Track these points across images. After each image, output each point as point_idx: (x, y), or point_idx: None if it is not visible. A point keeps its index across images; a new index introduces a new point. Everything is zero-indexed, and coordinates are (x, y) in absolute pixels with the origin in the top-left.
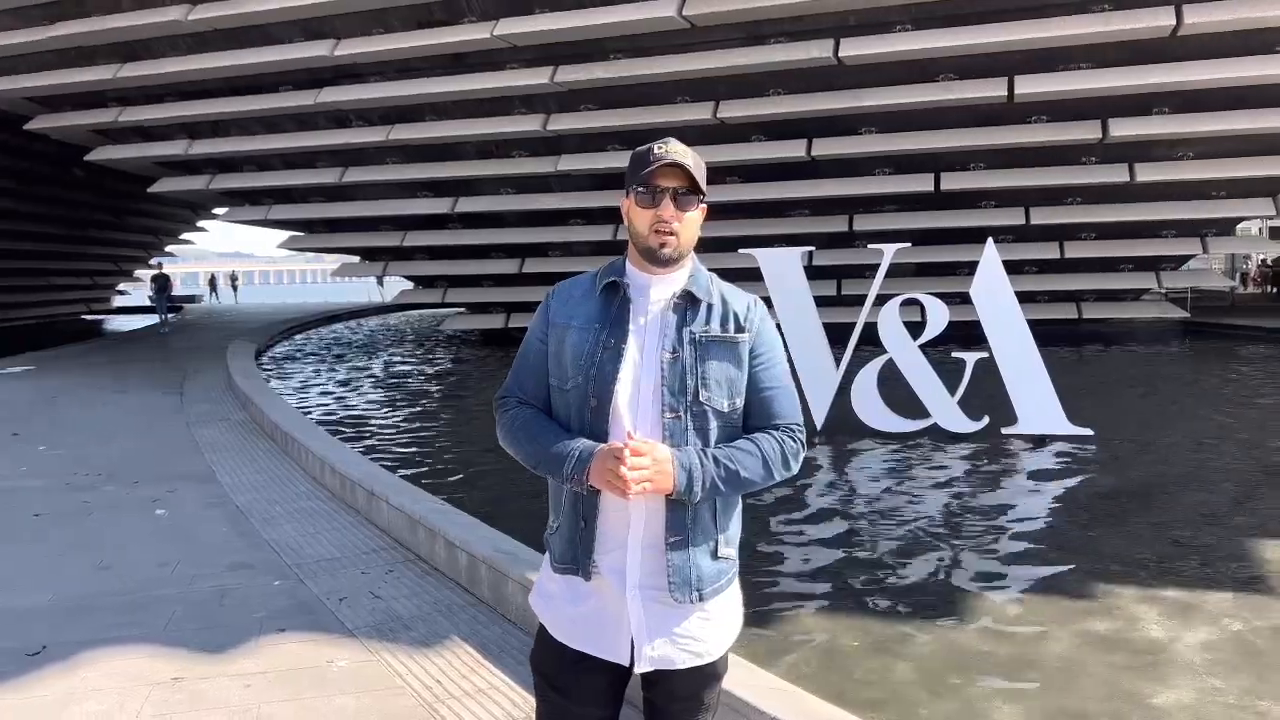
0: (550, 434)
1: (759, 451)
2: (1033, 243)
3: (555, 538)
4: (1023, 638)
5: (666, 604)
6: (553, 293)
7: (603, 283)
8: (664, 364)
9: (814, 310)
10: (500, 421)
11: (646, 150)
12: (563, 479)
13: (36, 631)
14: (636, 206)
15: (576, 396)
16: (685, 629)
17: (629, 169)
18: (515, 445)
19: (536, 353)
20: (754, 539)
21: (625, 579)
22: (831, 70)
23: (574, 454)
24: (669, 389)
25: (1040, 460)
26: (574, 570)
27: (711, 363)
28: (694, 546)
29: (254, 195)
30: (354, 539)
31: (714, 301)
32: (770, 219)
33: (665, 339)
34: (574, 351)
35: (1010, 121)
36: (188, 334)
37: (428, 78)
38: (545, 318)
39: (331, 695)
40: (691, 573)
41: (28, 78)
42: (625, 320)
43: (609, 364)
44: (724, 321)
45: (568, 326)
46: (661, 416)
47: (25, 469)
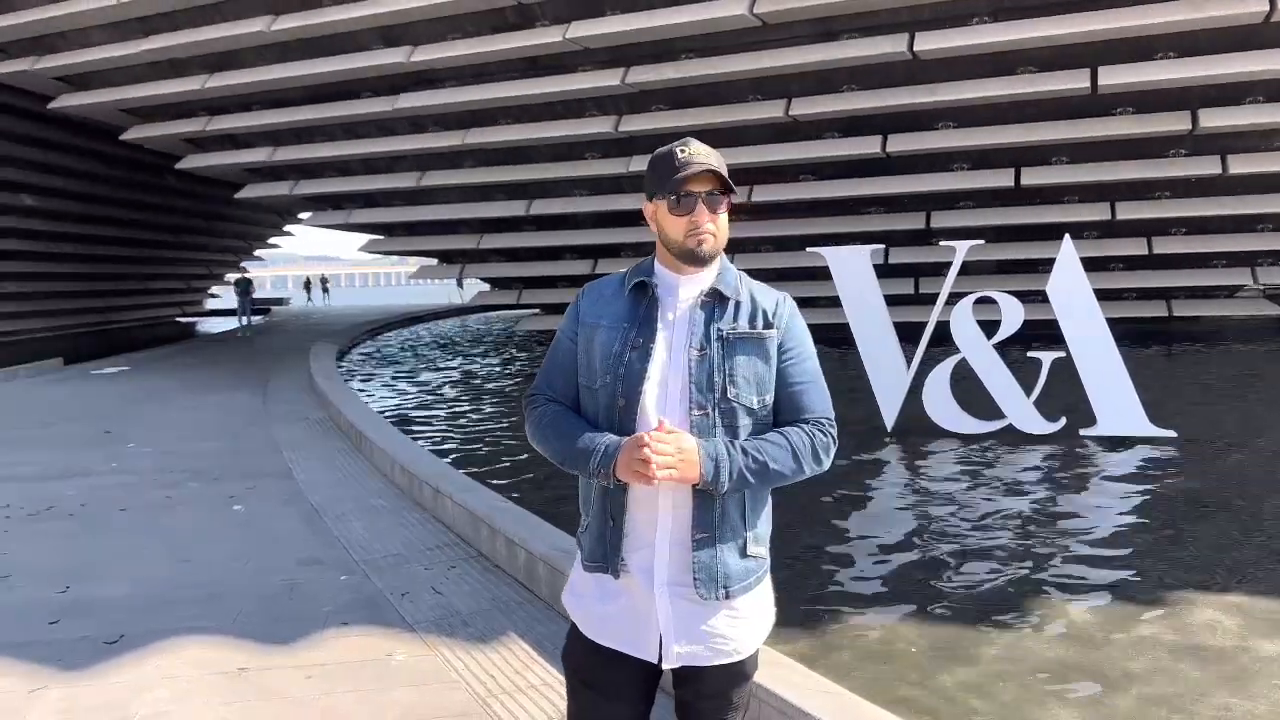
0: (578, 430)
1: (788, 444)
2: (1119, 239)
3: (585, 536)
4: (1091, 645)
5: (694, 601)
6: (583, 293)
7: (631, 283)
8: (691, 362)
9: (884, 309)
10: (530, 419)
11: (669, 154)
12: (590, 473)
13: (115, 621)
14: (669, 214)
15: (605, 395)
16: (713, 627)
17: (652, 174)
18: (544, 442)
19: (566, 352)
20: (816, 537)
21: (650, 576)
22: (906, 65)
23: (601, 448)
24: (696, 386)
25: (1119, 463)
26: (603, 568)
27: (739, 359)
28: (721, 544)
29: (336, 200)
30: (420, 536)
31: (742, 299)
32: (844, 217)
33: (693, 337)
34: (603, 351)
35: (1094, 114)
36: (274, 335)
37: (502, 82)
38: (575, 317)
39: (389, 688)
40: (718, 570)
41: (124, 90)
42: (654, 319)
43: (637, 363)
44: (752, 318)
45: (597, 326)
46: (690, 414)
47: (115, 465)
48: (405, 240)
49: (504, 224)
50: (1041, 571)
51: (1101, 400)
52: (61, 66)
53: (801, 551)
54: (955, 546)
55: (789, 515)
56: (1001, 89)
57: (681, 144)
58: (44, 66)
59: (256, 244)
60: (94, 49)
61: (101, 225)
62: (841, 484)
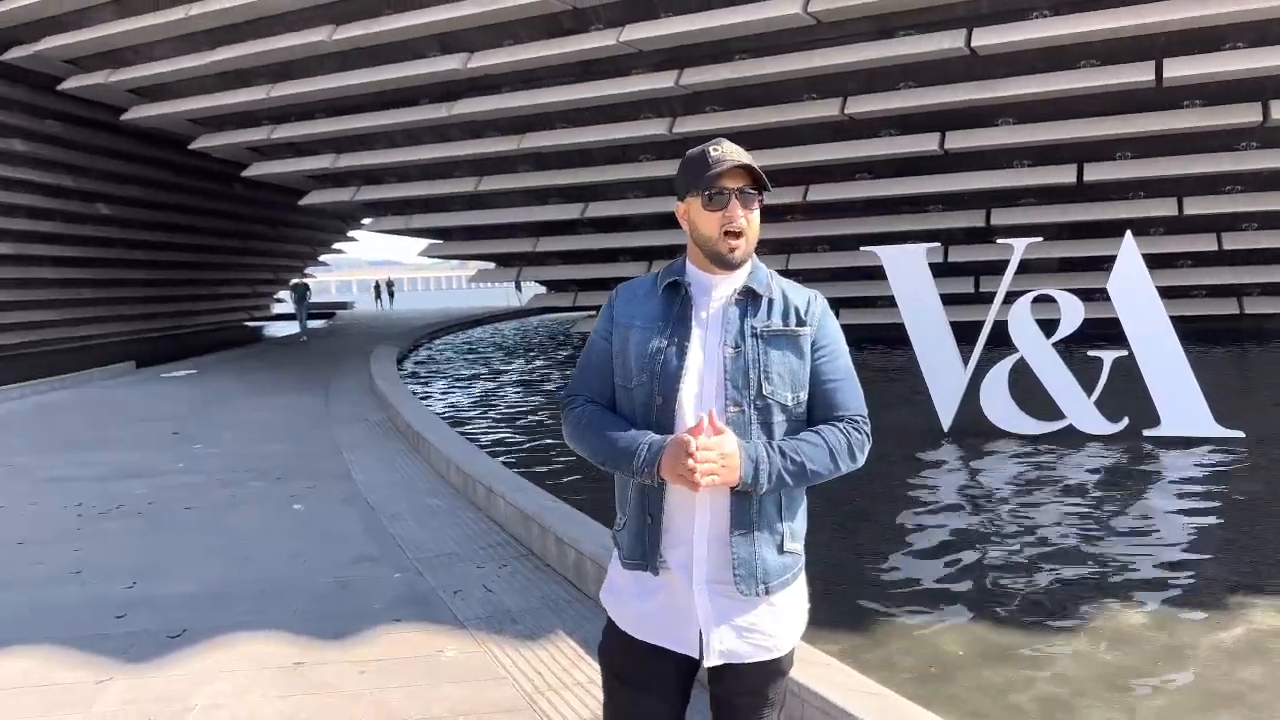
0: (618, 429)
1: (824, 443)
2: (1187, 234)
3: (623, 534)
4: (1149, 649)
5: (733, 597)
6: (616, 294)
7: (664, 282)
8: (726, 359)
9: (940, 308)
10: (567, 420)
11: (700, 154)
12: (632, 472)
13: (179, 615)
14: (703, 210)
15: (641, 394)
16: (752, 623)
17: (684, 173)
18: (583, 441)
19: (601, 352)
20: (869, 538)
21: (688, 573)
22: (964, 61)
23: (644, 447)
24: (732, 383)
25: (1183, 464)
26: (642, 566)
27: (774, 356)
28: (759, 540)
29: (397, 205)
30: (472, 534)
31: (774, 296)
32: (901, 215)
33: (727, 334)
34: (638, 350)
35: (1159, 107)
36: (337, 339)
37: (557, 86)
38: (609, 318)
39: (439, 683)
40: (757, 566)
41: (192, 100)
42: (687, 318)
43: (673, 361)
44: (785, 316)
45: (631, 326)
46: (725, 411)
47: (182, 465)
48: (463, 244)
49: (560, 227)
50: (1099, 574)
51: (1165, 400)
52: (133, 79)
53: (853, 551)
54: (1010, 548)
55: (842, 515)
56: (1063, 84)
57: (714, 143)
58: (117, 79)
59: (321, 249)
60: (163, 61)
61: (172, 232)
62: (896, 484)
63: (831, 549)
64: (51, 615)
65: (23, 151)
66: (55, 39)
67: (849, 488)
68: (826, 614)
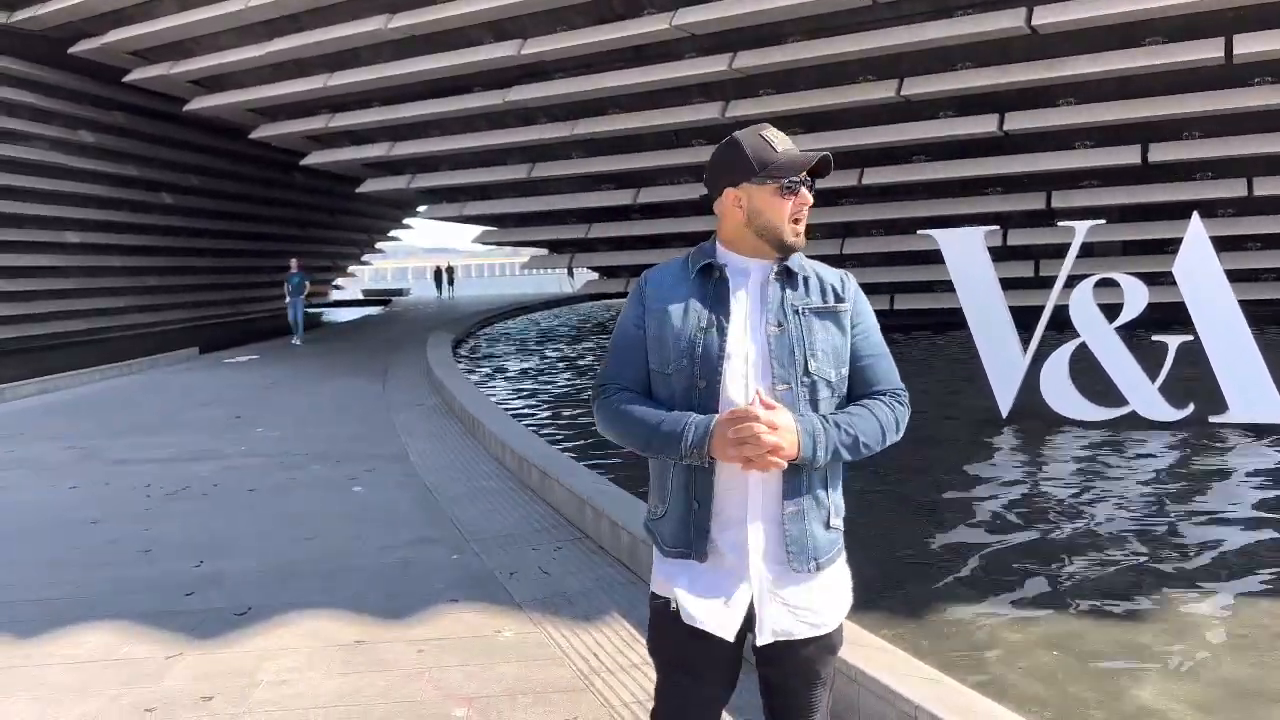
0: (660, 412)
1: (875, 417)
2: (1256, 216)
3: (664, 523)
4: (1213, 642)
5: (785, 576)
6: (645, 279)
7: (696, 265)
8: (770, 337)
9: (999, 292)
10: (602, 409)
11: (761, 141)
12: (681, 455)
13: (244, 594)
14: (773, 198)
15: (681, 379)
16: (803, 600)
17: (740, 160)
18: (622, 429)
19: (633, 339)
20: (928, 525)
21: (744, 554)
22: (1025, 40)
23: (691, 426)
24: (778, 361)
25: (1252, 451)
26: (687, 553)
27: (818, 333)
28: (809, 516)
29: (451, 193)
30: (528, 516)
31: (809, 275)
32: (959, 198)
33: (768, 313)
34: (676, 334)
35: (1228, 85)
36: (394, 325)
37: (609, 72)
38: (640, 303)
39: (496, 663)
40: (809, 543)
41: (251, 91)
42: (725, 298)
43: (714, 343)
44: (823, 293)
45: (665, 310)
46: (774, 389)
47: (244, 449)
48: (517, 231)
49: (612, 213)
50: (1161, 564)
51: (1233, 385)
52: (195, 70)
53: (911, 537)
54: (1071, 537)
55: (899, 501)
56: (1127, 62)
57: (762, 128)
58: (179, 71)
59: (378, 237)
60: (224, 53)
61: (233, 221)
62: (954, 471)
63: (890, 534)
64: (124, 592)
65: (91, 143)
66: (120, 32)
67: (907, 473)
68: (884, 599)
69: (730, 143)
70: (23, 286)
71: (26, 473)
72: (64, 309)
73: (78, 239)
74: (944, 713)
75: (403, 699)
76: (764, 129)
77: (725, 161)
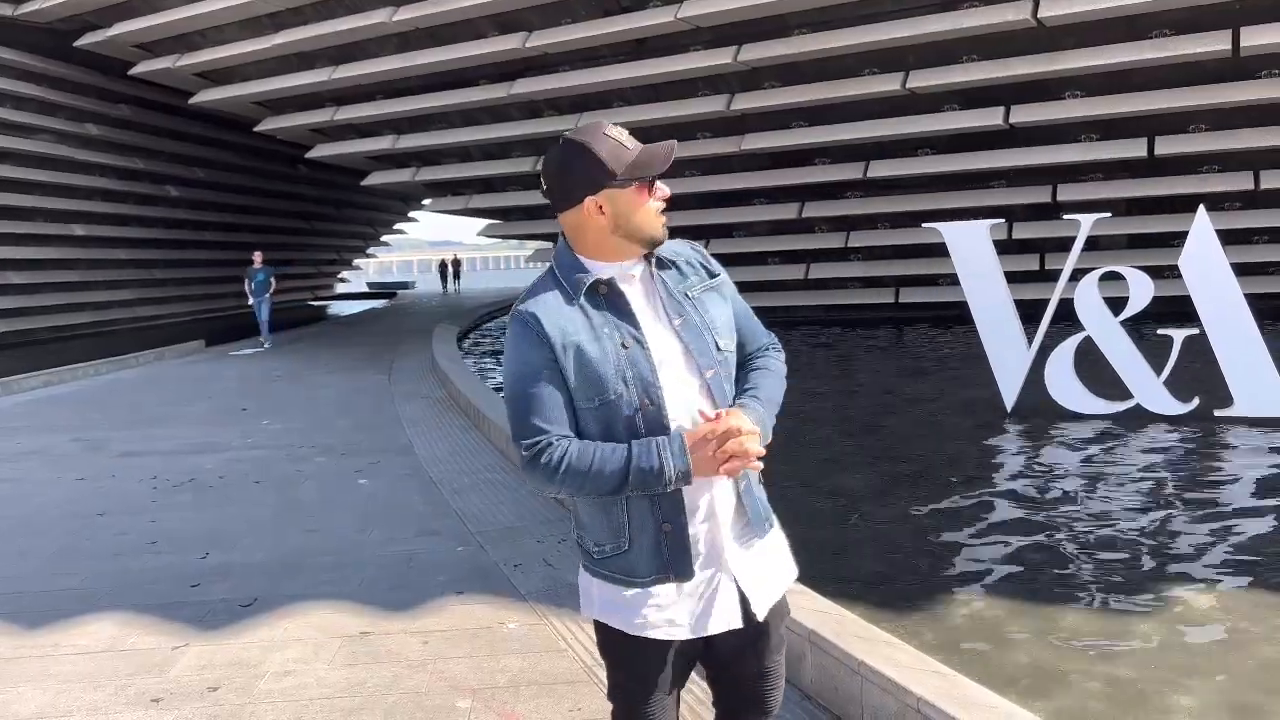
0: (620, 451)
1: (776, 376)
2: (1263, 209)
3: (625, 558)
4: (1216, 636)
5: (750, 547)
6: (529, 318)
7: (580, 287)
8: (679, 331)
9: (1004, 286)
10: (546, 468)
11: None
12: (664, 485)
13: (250, 585)
14: (639, 196)
15: (621, 406)
16: (770, 563)
17: (600, 164)
18: (584, 481)
19: (549, 382)
20: (932, 519)
21: (716, 546)
22: (1030, 33)
23: (668, 456)
24: (696, 350)
25: (1257, 445)
26: (666, 578)
27: (713, 310)
28: (752, 481)
29: (456, 185)
30: (532, 509)
31: (675, 258)
32: (964, 191)
33: (667, 308)
34: (599, 363)
35: (1235, 78)
36: (401, 318)
37: (613, 65)
38: (540, 342)
39: (501, 655)
40: (759, 504)
41: (256, 84)
42: (626, 309)
43: (640, 357)
44: (696, 271)
45: (576, 344)
46: (704, 379)
47: (250, 441)
48: (522, 224)
49: None
50: (1166, 558)
51: (1238, 379)
52: (200, 63)
53: (915, 531)
54: (1076, 530)
55: (903, 494)
56: (1133, 54)
57: (602, 126)
58: (185, 63)
59: (383, 229)
60: (229, 45)
61: (238, 214)
62: (959, 465)
63: (894, 528)
64: (131, 584)
65: (97, 135)
66: (126, 24)
67: (911, 465)
68: (888, 592)
69: (576, 149)
70: (29, 279)
71: (33, 465)
72: (70, 302)
73: (83, 232)
74: (948, 706)
75: (408, 690)
76: (605, 127)
77: (579, 169)
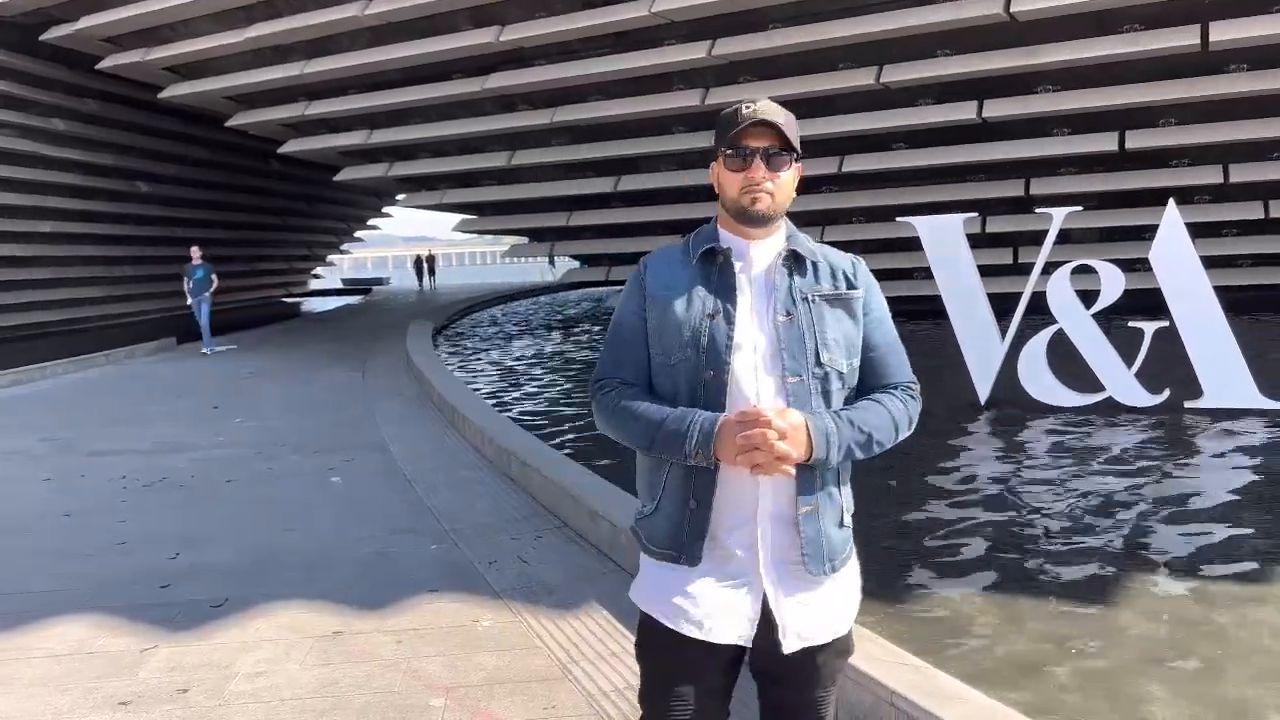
0: (663, 410)
1: (888, 412)
2: (1233, 203)
3: (652, 523)
4: (1187, 627)
5: (800, 578)
6: (644, 266)
7: (699, 249)
8: (779, 326)
9: (978, 279)
10: (601, 405)
11: (734, 111)
12: (685, 455)
13: (221, 586)
14: (726, 170)
15: (687, 369)
16: (819, 603)
17: (717, 131)
18: (623, 427)
19: (633, 329)
20: (905, 511)
21: (752, 556)
22: (1003, 27)
23: (696, 427)
24: (788, 352)
25: (1225, 436)
26: (675, 557)
27: (829, 322)
28: (824, 516)
29: (430, 181)
30: (507, 506)
31: (818, 260)
32: (939, 185)
33: (776, 300)
34: (680, 322)
35: (1205, 72)
36: (375, 314)
37: (589, 59)
38: (640, 291)
39: (474, 653)
40: (824, 544)
41: (227, 77)
42: (731, 284)
43: (721, 331)
44: (834, 279)
45: (668, 297)
46: (784, 382)
47: (222, 439)
48: (497, 219)
49: (593, 201)
50: (1138, 549)
51: (1208, 371)
52: (170, 57)
53: (887, 524)
54: (1049, 522)
55: (878, 489)
56: (1105, 49)
57: (749, 100)
58: (154, 57)
59: (356, 225)
60: (200, 39)
61: (210, 210)
62: (932, 458)
63: (866, 521)
64: (99, 585)
65: (64, 131)
66: (93, 18)
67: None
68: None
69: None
70: None
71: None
72: (38, 299)
73: (51, 228)
74: (921, 699)
75: (381, 689)
76: (754, 99)
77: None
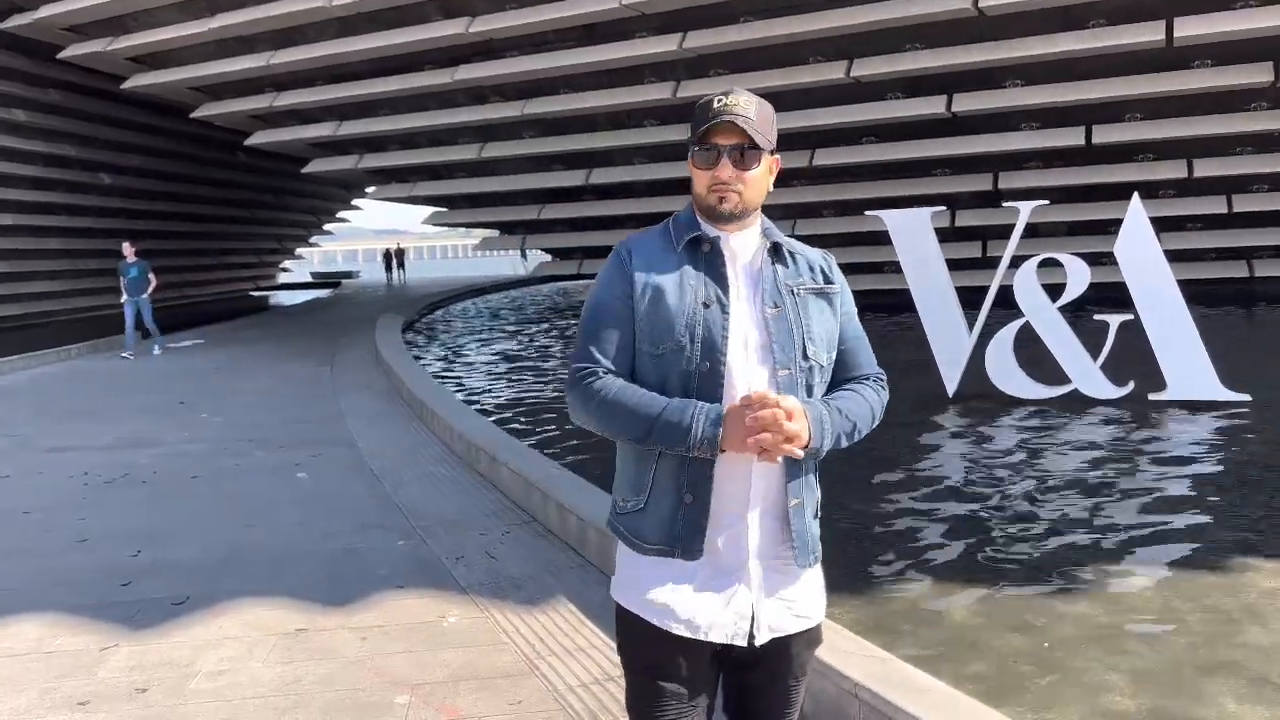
0: (657, 399)
1: (866, 402)
2: (1197, 197)
3: (641, 517)
4: (1152, 612)
5: (783, 572)
6: (627, 250)
7: (682, 237)
8: (769, 319)
9: (945, 273)
10: (584, 395)
11: (707, 103)
12: (688, 447)
13: (183, 583)
14: (694, 167)
15: (678, 360)
16: (795, 594)
17: (692, 123)
18: (611, 417)
19: (618, 316)
20: (872, 503)
21: (742, 551)
22: (972, 22)
23: (701, 416)
24: (779, 345)
25: (1189, 428)
26: (670, 552)
27: (814, 315)
28: (807, 509)
29: (400, 173)
30: (476, 502)
31: (796, 253)
32: (908, 179)
33: (764, 292)
34: (673, 310)
35: (1169, 68)
36: (345, 307)
37: (560, 50)
38: (624, 277)
39: (440, 649)
40: (809, 536)
41: (193, 68)
42: (722, 274)
43: (716, 321)
44: (813, 273)
45: (659, 284)
46: (775, 375)
47: (187, 434)
48: (468, 212)
49: (564, 194)
50: (1104, 539)
51: (1171, 364)
52: (133, 46)
53: (854, 516)
54: (1016, 513)
55: (845, 479)
56: (1072, 44)
57: (723, 93)
58: (117, 47)
59: (325, 218)
60: (163, 28)
61: (175, 202)
62: (901, 450)
63: (831, 512)
64: (58, 583)
65: (25, 121)
66: (54, 5)
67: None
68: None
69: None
70: None
71: None
72: None
73: (11, 221)
74: (885, 690)
75: (345, 687)
76: (728, 91)
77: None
